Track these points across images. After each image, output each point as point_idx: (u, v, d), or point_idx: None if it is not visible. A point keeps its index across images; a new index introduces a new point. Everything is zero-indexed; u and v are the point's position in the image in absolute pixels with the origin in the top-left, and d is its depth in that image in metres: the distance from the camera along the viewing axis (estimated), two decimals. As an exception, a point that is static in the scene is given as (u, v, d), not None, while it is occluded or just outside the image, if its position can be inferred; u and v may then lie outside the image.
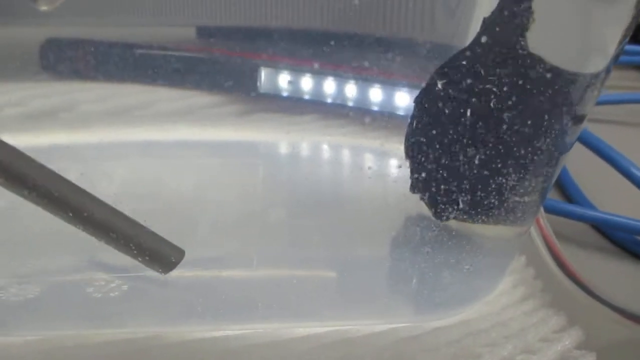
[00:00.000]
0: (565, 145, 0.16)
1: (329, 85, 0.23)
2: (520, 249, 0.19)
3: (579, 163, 0.23)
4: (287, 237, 0.16)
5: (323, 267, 0.16)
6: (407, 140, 0.18)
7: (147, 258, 0.12)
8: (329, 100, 0.23)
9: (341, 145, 0.22)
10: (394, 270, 0.17)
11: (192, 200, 0.17)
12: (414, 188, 0.17)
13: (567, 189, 0.23)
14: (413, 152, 0.17)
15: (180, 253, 0.12)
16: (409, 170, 0.17)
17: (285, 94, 0.23)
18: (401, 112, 0.22)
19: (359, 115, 0.23)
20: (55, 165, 0.18)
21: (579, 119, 0.16)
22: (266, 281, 0.15)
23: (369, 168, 0.18)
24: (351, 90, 0.23)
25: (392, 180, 0.19)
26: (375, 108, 0.23)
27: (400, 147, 0.18)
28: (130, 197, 0.17)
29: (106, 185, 0.17)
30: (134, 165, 0.19)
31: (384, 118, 0.23)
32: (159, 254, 0.12)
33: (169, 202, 0.17)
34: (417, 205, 0.17)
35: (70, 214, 0.11)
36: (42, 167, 0.10)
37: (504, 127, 0.16)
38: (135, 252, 0.12)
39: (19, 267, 0.14)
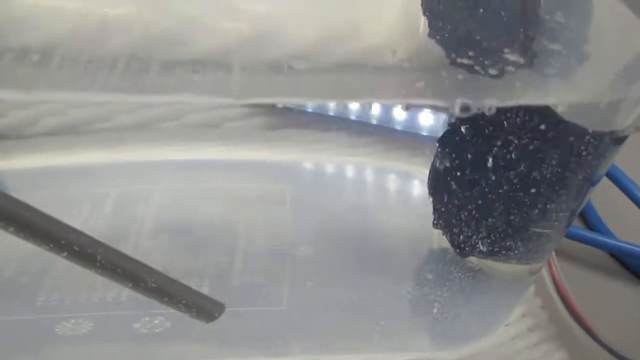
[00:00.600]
0: (590, 187, 0.17)
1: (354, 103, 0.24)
2: (532, 283, 0.20)
3: (600, 190, 0.24)
4: (314, 271, 0.18)
5: (348, 300, 0.18)
6: (430, 178, 0.18)
7: (193, 313, 0.14)
8: (354, 117, 0.24)
9: (365, 167, 0.23)
10: (414, 303, 0.18)
11: (224, 232, 0.18)
12: (436, 224, 0.18)
13: (587, 216, 0.24)
14: (436, 190, 0.18)
15: (221, 307, 0.14)
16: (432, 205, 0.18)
17: (310, 109, 0.24)
18: (425, 132, 0.23)
19: (384, 134, 0.23)
20: (96, 189, 0.20)
21: (605, 165, 0.17)
22: (295, 314, 0.17)
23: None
24: (376, 107, 0.24)
25: (416, 214, 0.20)
26: (399, 127, 0.23)
27: (423, 171, 0.18)
28: (167, 224, 0.19)
29: (143, 211, 0.19)
30: (168, 190, 0.20)
31: (408, 138, 0.24)
32: (204, 309, 0.14)
33: (202, 234, 0.18)
34: (440, 239, 0.18)
35: (130, 285, 0.12)
36: (106, 247, 0.12)
37: (527, 174, 0.16)
38: (183, 309, 0.13)
39: (72, 302, 0.16)
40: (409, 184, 0.23)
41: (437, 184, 0.18)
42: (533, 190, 0.16)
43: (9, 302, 0.16)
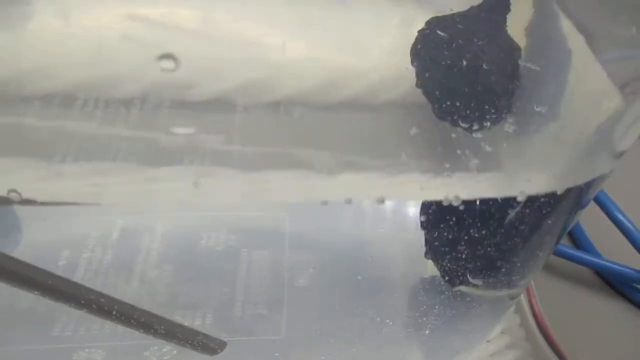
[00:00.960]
0: (580, 210, 0.18)
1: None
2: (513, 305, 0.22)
3: (588, 210, 0.26)
4: (312, 300, 0.19)
5: (344, 326, 0.19)
6: (421, 212, 0.20)
7: (198, 349, 0.15)
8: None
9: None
10: (408, 327, 0.20)
11: (226, 263, 0.20)
12: (428, 255, 0.20)
13: (575, 236, 0.26)
14: (427, 224, 0.20)
15: (222, 344, 0.16)
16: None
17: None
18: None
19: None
20: (102, 217, 0.21)
21: (601, 184, 0.18)
22: (293, 342, 0.19)
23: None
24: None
25: (410, 242, 0.22)
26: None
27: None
28: (171, 254, 0.20)
29: (149, 241, 0.20)
30: (172, 218, 0.21)
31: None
32: (207, 347, 0.15)
33: (205, 265, 0.20)
34: (432, 267, 0.19)
35: (142, 331, 0.14)
36: (121, 303, 0.13)
37: (516, 216, 0.18)
38: (189, 347, 0.15)
39: (86, 332, 0.18)
40: (404, 210, 0.24)
41: (428, 219, 0.19)
42: (521, 229, 0.17)
43: (27, 332, 0.18)
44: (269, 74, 0.15)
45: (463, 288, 0.20)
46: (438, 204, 0.19)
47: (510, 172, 0.16)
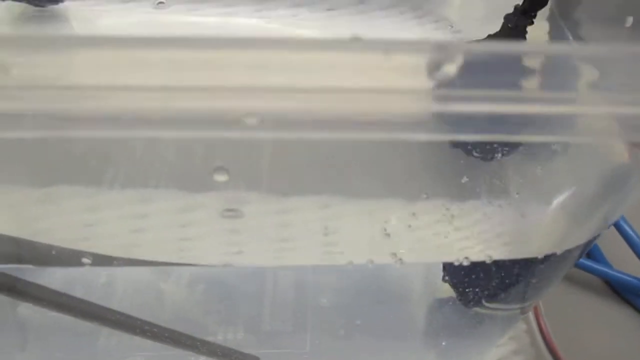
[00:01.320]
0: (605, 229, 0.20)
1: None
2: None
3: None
4: (334, 318, 0.21)
5: (364, 342, 0.21)
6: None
7: (234, 365, 0.18)
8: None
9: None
10: (423, 340, 0.22)
11: (253, 282, 0.22)
12: (445, 279, 0.21)
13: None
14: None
15: (255, 359, 0.18)
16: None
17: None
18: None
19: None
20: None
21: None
22: (317, 356, 0.21)
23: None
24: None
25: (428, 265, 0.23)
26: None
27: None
28: (201, 275, 0.22)
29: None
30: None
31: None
32: (241, 362, 0.18)
33: (234, 282, 0.22)
34: (448, 289, 0.21)
35: (188, 350, 0.16)
36: (171, 331, 0.16)
37: None
38: (226, 361, 0.17)
39: (129, 343, 0.20)
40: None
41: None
42: (541, 257, 0.18)
43: (74, 344, 0.20)
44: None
45: (478, 308, 0.22)
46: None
47: (521, 203, 0.17)
